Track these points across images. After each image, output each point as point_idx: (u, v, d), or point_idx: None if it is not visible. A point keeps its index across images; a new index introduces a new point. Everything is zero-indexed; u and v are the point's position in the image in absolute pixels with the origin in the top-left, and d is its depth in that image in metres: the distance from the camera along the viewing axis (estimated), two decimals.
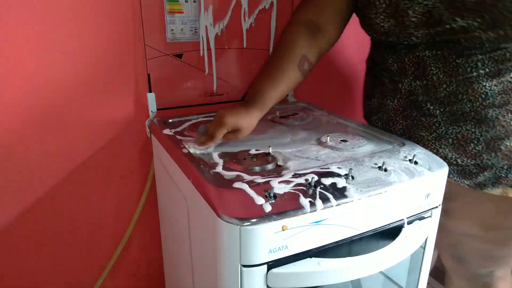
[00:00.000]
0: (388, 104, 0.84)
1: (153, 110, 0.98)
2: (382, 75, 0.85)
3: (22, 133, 0.89)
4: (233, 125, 0.73)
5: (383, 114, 0.87)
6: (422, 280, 0.82)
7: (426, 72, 0.75)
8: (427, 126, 0.79)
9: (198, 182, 0.63)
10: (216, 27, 1.01)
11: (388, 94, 0.84)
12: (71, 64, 0.89)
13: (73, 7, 0.86)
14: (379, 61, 0.86)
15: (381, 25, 0.76)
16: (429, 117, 0.78)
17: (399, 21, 0.73)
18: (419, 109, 0.79)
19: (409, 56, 0.77)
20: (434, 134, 0.78)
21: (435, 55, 0.73)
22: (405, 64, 0.78)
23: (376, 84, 0.89)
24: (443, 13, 0.68)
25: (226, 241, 0.56)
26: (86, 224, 1.03)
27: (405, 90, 0.80)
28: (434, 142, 0.79)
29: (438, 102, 0.76)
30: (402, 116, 0.82)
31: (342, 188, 0.62)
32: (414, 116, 0.80)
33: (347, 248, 0.64)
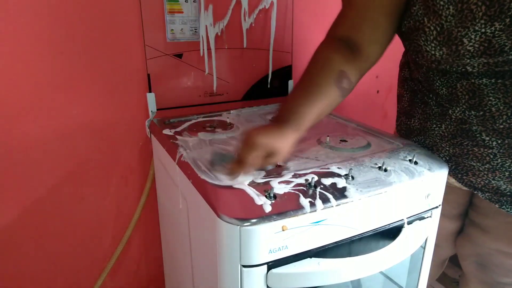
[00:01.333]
0: (434, 129, 0.77)
1: (153, 110, 0.98)
2: (426, 95, 0.76)
3: (22, 133, 0.89)
4: (267, 147, 0.61)
5: (426, 138, 0.79)
6: (422, 280, 0.82)
7: (483, 102, 0.66)
8: (480, 156, 0.71)
9: (198, 182, 0.63)
10: (216, 27, 1.01)
11: (433, 117, 0.76)
12: (71, 63, 0.89)
13: (73, 7, 0.86)
14: (423, 78, 0.76)
15: (432, 53, 0.67)
16: (483, 148, 0.70)
17: (452, 49, 0.64)
18: (472, 139, 0.71)
19: (462, 82, 0.67)
20: (488, 165, 0.71)
21: (494, 83, 0.64)
22: (457, 91, 0.69)
23: (416, 102, 0.80)
24: (505, 43, 0.59)
25: (226, 241, 0.56)
26: (86, 224, 1.03)
27: (456, 118, 0.71)
28: (487, 173, 0.72)
29: (495, 133, 0.68)
30: (450, 144, 0.75)
31: (342, 188, 0.62)
32: (465, 144, 0.72)
33: (347, 248, 0.64)
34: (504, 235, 0.80)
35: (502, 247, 0.81)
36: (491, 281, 0.86)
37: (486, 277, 0.86)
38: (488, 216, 0.81)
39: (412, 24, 0.68)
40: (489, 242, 0.82)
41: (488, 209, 0.81)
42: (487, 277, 0.86)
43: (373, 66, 0.73)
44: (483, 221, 0.83)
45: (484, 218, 0.82)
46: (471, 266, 0.88)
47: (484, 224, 0.82)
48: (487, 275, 0.86)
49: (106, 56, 0.92)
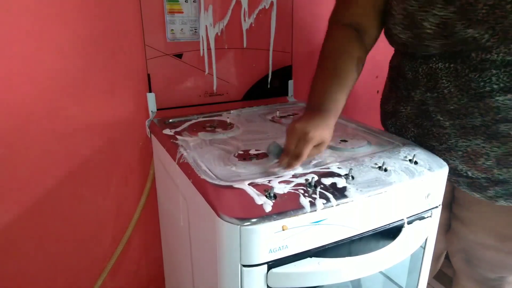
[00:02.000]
0: (401, 111, 0.84)
1: (153, 110, 0.99)
2: (399, 81, 0.84)
3: (22, 133, 0.89)
4: (319, 139, 0.66)
5: (397, 120, 0.86)
6: (422, 280, 0.82)
7: (437, 84, 0.74)
8: (437, 136, 0.78)
9: (198, 182, 0.63)
10: (216, 27, 1.01)
11: (402, 100, 0.83)
12: (70, 64, 0.89)
13: (73, 7, 0.86)
14: (397, 66, 0.85)
15: (399, 36, 0.76)
16: (439, 128, 0.77)
17: (415, 33, 0.73)
18: (429, 119, 0.78)
19: (423, 67, 0.76)
20: (444, 145, 0.77)
21: (447, 68, 0.72)
22: (419, 75, 0.77)
23: (392, 89, 0.88)
24: (456, 24, 0.67)
25: (226, 241, 0.56)
26: (86, 224, 1.03)
27: (417, 99, 0.79)
28: (445, 153, 0.77)
29: (448, 114, 0.74)
30: (414, 124, 0.82)
31: (342, 188, 0.62)
32: (425, 125, 0.79)
33: (347, 248, 0.64)
34: (480, 226, 0.82)
35: (480, 239, 0.83)
36: (479, 277, 0.88)
37: (474, 273, 0.89)
38: (465, 208, 0.83)
39: (385, 8, 0.77)
40: (469, 234, 0.84)
41: (464, 200, 0.83)
42: (475, 273, 0.88)
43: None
44: (462, 213, 0.85)
45: (463, 210, 0.84)
46: (460, 262, 0.90)
47: (463, 216, 0.85)
48: (474, 271, 0.88)
49: (106, 56, 0.92)
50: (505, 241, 0.80)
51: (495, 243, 0.81)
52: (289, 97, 1.17)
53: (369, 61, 0.99)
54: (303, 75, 1.19)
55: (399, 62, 0.84)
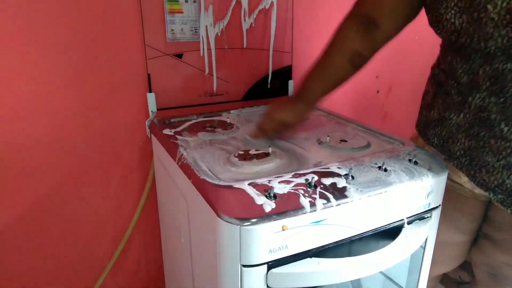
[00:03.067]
0: (451, 118, 0.72)
1: (153, 110, 0.98)
2: (448, 85, 0.73)
3: (22, 133, 0.89)
4: (282, 121, 0.74)
5: (443, 129, 0.75)
6: (422, 280, 0.82)
7: (505, 88, 0.62)
8: (496, 150, 0.66)
9: (198, 182, 0.63)
10: (216, 27, 1.01)
11: (452, 106, 0.72)
12: (70, 64, 0.89)
13: (73, 6, 0.86)
14: (446, 68, 0.74)
15: (452, 21, 0.63)
16: (500, 140, 0.65)
17: (474, 17, 0.59)
18: (489, 128, 0.66)
19: (485, 68, 0.63)
20: (503, 161, 0.65)
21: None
22: (479, 77, 0.65)
23: (439, 93, 0.76)
24: None
25: (226, 241, 0.56)
26: (86, 224, 1.03)
27: (475, 105, 0.67)
28: (502, 170, 0.66)
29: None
30: (466, 135, 0.70)
31: (342, 188, 0.62)
32: (481, 136, 0.67)
33: (347, 248, 0.64)
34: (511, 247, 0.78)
35: (509, 259, 0.79)
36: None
37: (496, 286, 0.85)
38: (501, 230, 0.79)
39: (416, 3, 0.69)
40: (499, 254, 0.80)
41: (502, 223, 0.79)
42: (498, 286, 0.85)
43: (389, 41, 0.77)
44: (495, 234, 0.81)
45: (497, 232, 0.80)
46: (483, 274, 0.87)
47: (496, 237, 0.81)
48: (497, 286, 0.85)
49: (106, 56, 0.92)
50: None
51: None
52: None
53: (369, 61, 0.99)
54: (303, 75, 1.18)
55: (450, 64, 0.71)
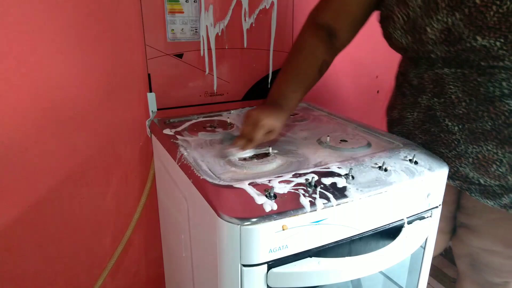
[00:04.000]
0: (408, 117, 0.82)
1: (153, 110, 0.99)
2: (404, 87, 0.83)
3: (22, 133, 0.89)
4: (270, 127, 0.73)
5: (403, 127, 0.85)
6: (422, 280, 0.82)
7: (444, 90, 0.72)
8: (446, 143, 0.75)
9: (198, 182, 0.63)
10: (217, 27, 1.01)
11: (408, 106, 0.82)
12: (70, 64, 0.89)
13: (73, 7, 0.86)
14: (403, 72, 0.84)
15: (400, 40, 0.74)
16: (447, 133, 0.74)
17: (416, 38, 0.71)
18: (437, 124, 0.75)
19: (428, 73, 0.74)
20: (454, 152, 0.74)
21: (454, 73, 0.70)
22: (424, 81, 0.76)
23: (398, 95, 0.86)
24: (463, 31, 0.64)
25: (226, 241, 0.56)
26: (86, 224, 1.03)
27: (424, 105, 0.77)
28: (454, 160, 0.75)
29: (456, 119, 0.72)
30: (421, 130, 0.80)
31: (342, 188, 0.62)
32: (433, 131, 0.77)
33: (347, 248, 0.64)
34: (488, 233, 0.81)
35: (487, 245, 0.82)
36: (483, 282, 0.88)
37: (478, 277, 0.88)
38: (474, 216, 0.82)
39: (385, 13, 0.76)
40: (476, 241, 0.84)
41: (473, 209, 0.82)
42: (479, 277, 0.88)
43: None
44: (469, 221, 0.84)
45: (471, 218, 0.84)
46: (464, 266, 0.90)
47: (470, 224, 0.84)
48: (478, 275, 0.88)
49: (107, 56, 0.92)
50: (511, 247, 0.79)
51: (503, 250, 0.80)
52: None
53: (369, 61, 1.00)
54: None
55: (405, 68, 0.82)
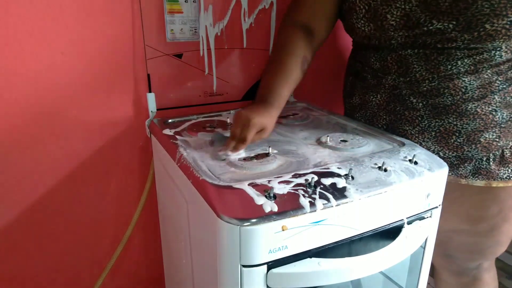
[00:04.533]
0: (371, 100, 0.88)
1: (153, 110, 0.98)
2: (365, 71, 0.88)
3: (22, 133, 0.89)
4: (261, 125, 0.73)
5: (366, 111, 0.90)
6: (422, 280, 0.82)
7: (409, 70, 0.79)
8: (411, 120, 0.82)
9: (198, 182, 0.63)
10: (216, 27, 1.01)
11: (371, 89, 0.87)
12: (70, 64, 0.89)
13: (73, 7, 0.86)
14: (361, 59, 0.89)
15: (362, 29, 0.81)
16: (412, 110, 0.81)
17: (378, 25, 0.78)
18: (402, 102, 0.82)
19: (391, 55, 0.81)
20: (418, 127, 0.81)
21: (417, 53, 0.77)
22: (388, 63, 0.82)
23: (356, 81, 0.91)
24: (420, 16, 0.72)
25: (226, 241, 0.56)
26: (86, 224, 1.03)
27: (389, 85, 0.83)
28: (418, 135, 0.82)
29: (421, 96, 0.79)
30: (386, 111, 0.85)
31: (342, 188, 0.62)
32: (397, 110, 0.83)
33: (347, 248, 0.64)
34: (453, 213, 0.86)
35: (455, 225, 0.87)
36: (458, 269, 0.92)
37: (453, 266, 0.93)
38: None
39: (347, 6, 0.82)
40: (444, 223, 0.85)
41: None
42: (454, 265, 0.93)
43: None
44: None
45: None
46: (438, 258, 0.94)
47: None
48: (454, 264, 0.92)
49: (106, 56, 0.92)
50: (478, 223, 0.85)
51: (468, 227, 0.86)
52: (289, 97, 1.17)
53: None
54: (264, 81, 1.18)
55: (364, 55, 0.88)
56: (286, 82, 0.81)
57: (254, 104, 0.77)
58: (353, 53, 0.96)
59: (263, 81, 0.83)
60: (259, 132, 0.74)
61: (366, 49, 0.87)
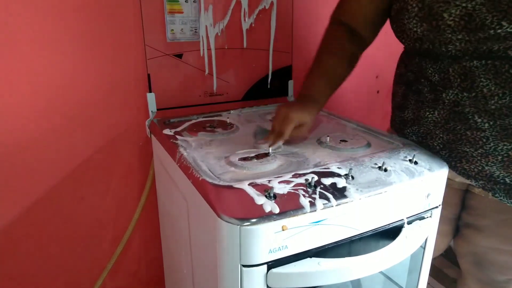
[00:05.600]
0: (427, 116, 0.78)
1: (153, 110, 0.98)
2: (420, 84, 0.78)
3: (22, 133, 0.89)
4: (299, 120, 0.74)
5: (420, 127, 0.80)
6: (422, 280, 0.82)
7: (475, 84, 0.68)
8: (473, 141, 0.71)
9: (198, 182, 0.63)
10: (216, 27, 1.01)
11: (426, 105, 0.77)
12: (70, 64, 0.89)
13: (74, 7, 0.86)
14: (416, 69, 0.79)
15: (414, 30, 0.71)
16: (476, 131, 0.70)
17: (433, 25, 0.67)
18: (464, 122, 0.71)
19: (454, 67, 0.70)
20: (481, 150, 0.71)
21: (484, 65, 0.66)
22: (449, 75, 0.71)
23: (410, 94, 0.82)
24: (486, 16, 0.60)
25: (226, 241, 0.56)
26: (86, 224, 1.03)
27: (449, 101, 0.72)
28: (480, 158, 0.72)
29: (487, 115, 0.68)
30: (444, 130, 0.75)
31: (342, 188, 0.62)
32: (458, 129, 0.73)
33: (347, 248, 0.64)
34: (497, 233, 0.81)
35: (495, 244, 0.82)
36: (486, 279, 0.88)
37: (482, 275, 0.88)
38: (482, 216, 0.82)
39: (398, 6, 0.75)
40: (483, 240, 0.83)
41: (482, 209, 0.81)
42: (483, 275, 0.88)
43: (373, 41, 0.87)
44: (477, 221, 0.83)
45: (478, 219, 0.83)
46: (468, 264, 0.90)
47: (478, 224, 0.83)
48: (483, 273, 0.87)
49: (106, 56, 0.92)
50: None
51: (507, 248, 0.80)
52: (289, 97, 1.17)
53: (369, 61, 1.00)
54: (303, 75, 1.18)
55: (419, 64, 0.77)
56: (330, 81, 0.81)
57: (295, 102, 0.79)
58: (404, 61, 0.85)
59: (307, 78, 0.83)
60: (298, 128, 0.75)
61: (421, 57, 0.76)
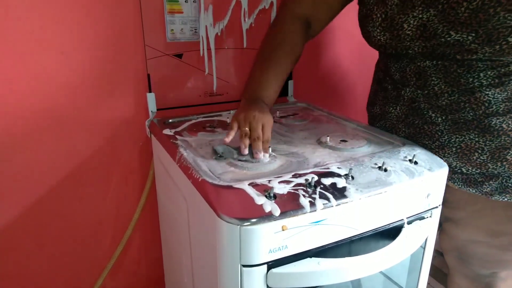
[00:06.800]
0: (391, 111, 0.85)
1: (153, 110, 0.99)
2: (386, 82, 0.85)
3: (22, 133, 0.89)
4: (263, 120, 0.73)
5: (386, 121, 0.87)
6: (422, 280, 0.82)
7: (427, 82, 0.75)
8: (430, 134, 0.78)
9: (198, 182, 0.63)
10: (216, 27, 1.01)
11: (391, 101, 0.84)
12: (71, 64, 0.89)
13: (74, 7, 0.86)
14: (383, 68, 0.86)
15: (378, 38, 0.78)
16: (431, 125, 0.77)
17: (394, 34, 0.75)
18: (421, 116, 0.78)
19: (410, 66, 0.77)
20: (437, 142, 0.77)
21: (435, 65, 0.73)
22: (407, 74, 0.78)
23: (379, 91, 0.89)
24: (438, 26, 0.68)
25: (226, 241, 0.56)
26: (86, 224, 1.03)
27: (408, 98, 0.79)
28: (438, 150, 0.78)
29: (440, 110, 0.75)
30: (405, 124, 0.82)
31: (342, 188, 0.62)
32: (416, 123, 0.80)
33: (347, 248, 0.64)
34: (472, 224, 0.83)
35: (472, 236, 0.83)
36: (472, 274, 0.89)
37: (467, 271, 0.90)
38: (457, 208, 0.83)
39: (364, 12, 0.80)
40: (461, 233, 0.85)
41: (458, 202, 0.83)
42: (468, 270, 0.89)
43: None
44: (454, 214, 0.85)
45: (455, 211, 0.85)
46: (453, 260, 0.91)
47: (455, 217, 0.85)
48: (467, 268, 0.89)
49: (106, 56, 0.92)
50: (497, 236, 0.81)
51: (486, 239, 0.82)
52: (289, 97, 1.17)
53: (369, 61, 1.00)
54: (303, 75, 1.19)
55: (385, 64, 0.85)
56: (280, 79, 0.81)
57: (246, 103, 0.76)
58: (378, 61, 0.92)
59: (254, 77, 0.82)
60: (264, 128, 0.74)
61: (388, 58, 0.83)
